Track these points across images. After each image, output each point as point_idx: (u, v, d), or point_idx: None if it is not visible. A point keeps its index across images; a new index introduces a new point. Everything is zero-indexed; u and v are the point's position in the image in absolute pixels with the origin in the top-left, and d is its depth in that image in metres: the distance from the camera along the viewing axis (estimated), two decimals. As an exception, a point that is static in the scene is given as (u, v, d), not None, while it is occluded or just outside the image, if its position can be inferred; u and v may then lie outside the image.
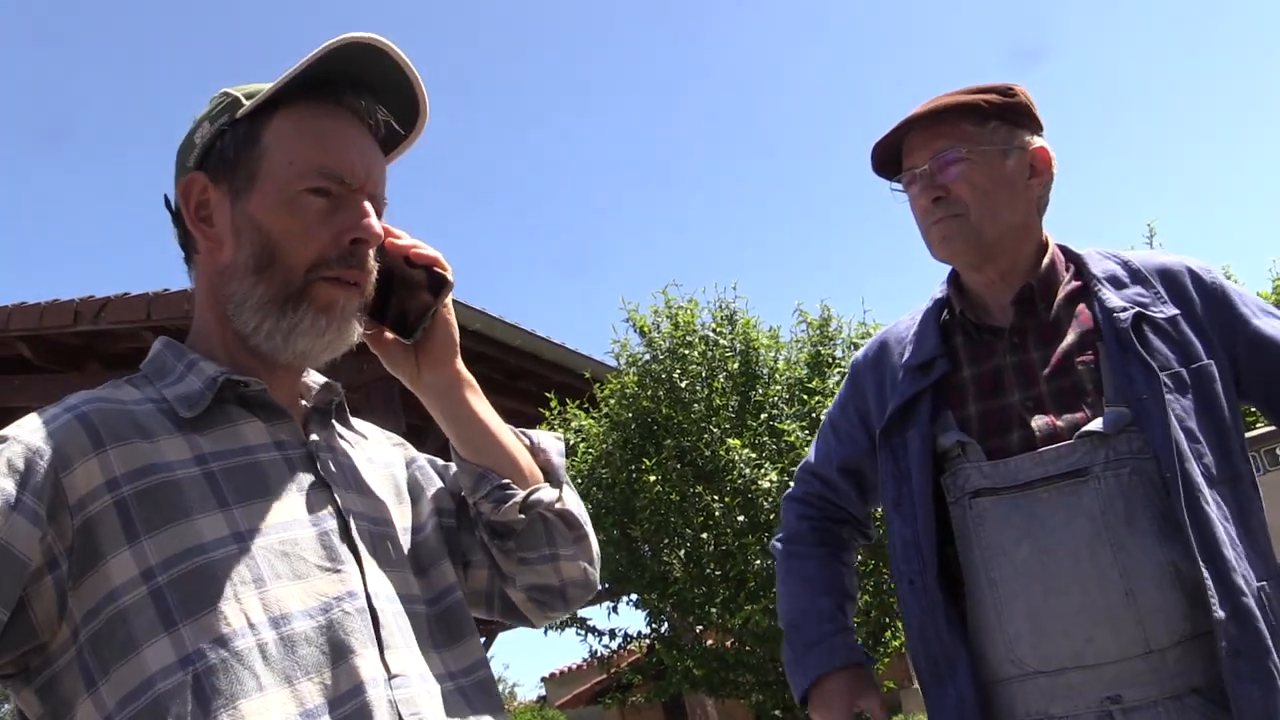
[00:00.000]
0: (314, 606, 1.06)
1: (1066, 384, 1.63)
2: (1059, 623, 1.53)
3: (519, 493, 1.25)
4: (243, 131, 1.16)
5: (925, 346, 1.75)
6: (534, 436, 1.34)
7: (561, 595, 1.33)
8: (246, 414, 1.15)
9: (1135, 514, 1.53)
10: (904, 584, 1.70)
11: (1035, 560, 1.55)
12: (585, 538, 1.32)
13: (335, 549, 1.11)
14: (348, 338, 1.17)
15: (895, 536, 1.72)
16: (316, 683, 1.02)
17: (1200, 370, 1.60)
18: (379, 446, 1.35)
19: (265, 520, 1.08)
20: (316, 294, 1.14)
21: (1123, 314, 1.63)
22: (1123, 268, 1.72)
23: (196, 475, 1.07)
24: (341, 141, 1.16)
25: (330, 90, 1.17)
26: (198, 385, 1.13)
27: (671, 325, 7.58)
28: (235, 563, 1.03)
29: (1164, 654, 1.49)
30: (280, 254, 1.13)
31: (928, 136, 1.70)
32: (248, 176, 1.15)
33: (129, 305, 6.47)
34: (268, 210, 1.14)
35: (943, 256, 1.74)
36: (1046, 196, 1.76)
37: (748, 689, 7.65)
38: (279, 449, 1.15)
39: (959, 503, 1.64)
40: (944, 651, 1.64)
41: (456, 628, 1.22)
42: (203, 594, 1.01)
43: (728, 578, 6.99)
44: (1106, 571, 1.51)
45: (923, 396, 1.71)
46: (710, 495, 7.02)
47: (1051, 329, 1.69)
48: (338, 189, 1.15)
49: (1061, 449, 1.58)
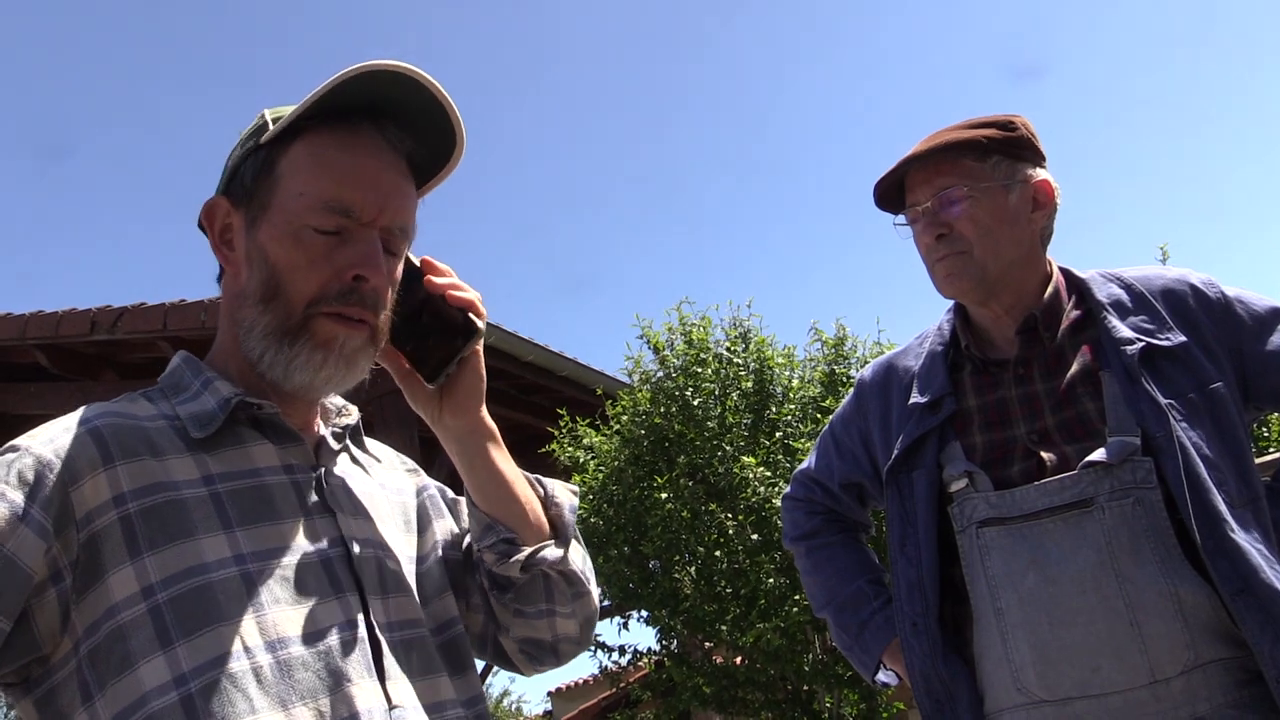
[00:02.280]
0: (312, 632, 1.05)
1: (1072, 415, 1.63)
2: (1065, 652, 1.53)
3: (523, 550, 1.22)
4: (262, 158, 1.16)
5: (933, 385, 1.76)
6: (549, 488, 1.31)
7: (553, 650, 1.32)
8: (258, 436, 1.15)
9: (1139, 544, 1.53)
10: (907, 625, 1.70)
11: (1041, 590, 1.55)
12: (585, 595, 1.30)
13: (337, 576, 1.11)
14: (351, 374, 1.16)
15: (900, 577, 1.72)
16: (311, 709, 1.02)
17: (1213, 393, 1.60)
18: (392, 472, 1.35)
19: (267, 544, 1.08)
20: (315, 329, 1.13)
21: (1130, 346, 1.62)
22: (1126, 292, 1.71)
23: (203, 495, 1.07)
24: (354, 174, 1.13)
25: (354, 118, 1.15)
26: (211, 405, 1.13)
27: (685, 343, 7.58)
28: (235, 585, 1.03)
29: (1169, 683, 1.49)
30: (283, 286, 1.12)
31: (929, 174, 1.71)
32: (261, 205, 1.15)
33: (145, 315, 6.51)
34: (274, 241, 1.13)
35: (948, 294, 1.75)
36: (1050, 228, 1.76)
37: (757, 707, 7.62)
38: (287, 473, 1.15)
39: (966, 532, 1.64)
40: (945, 689, 1.65)
41: (459, 659, 1.22)
42: (200, 614, 1.01)
43: (739, 595, 6.97)
44: (1111, 601, 1.51)
45: (929, 437, 1.72)
46: (723, 513, 7.00)
47: (1056, 359, 1.69)
48: (346, 223, 1.13)
49: (1066, 479, 1.58)
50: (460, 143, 1.20)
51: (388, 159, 1.16)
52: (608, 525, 7.32)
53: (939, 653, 1.65)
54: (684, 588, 7.10)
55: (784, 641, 6.66)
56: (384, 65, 1.11)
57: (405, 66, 1.12)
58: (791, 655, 6.78)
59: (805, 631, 6.88)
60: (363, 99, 1.14)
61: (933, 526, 1.68)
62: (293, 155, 1.14)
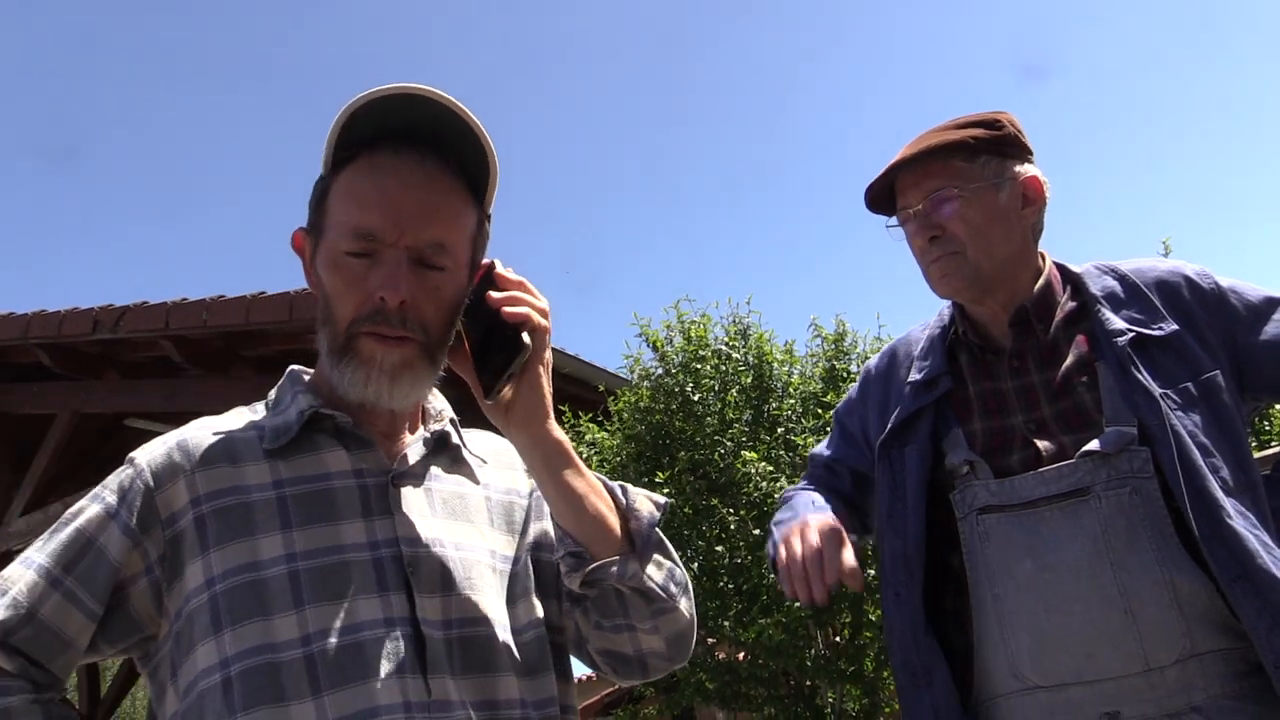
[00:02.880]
0: (349, 625, 1.13)
1: (1069, 405, 1.65)
2: (1060, 639, 1.54)
3: (589, 565, 1.22)
4: (319, 192, 1.25)
5: (930, 365, 1.77)
6: (631, 499, 1.28)
7: (640, 665, 1.32)
8: (335, 443, 1.25)
9: (1135, 533, 1.54)
10: (889, 594, 1.71)
11: (1037, 577, 1.56)
12: (669, 611, 1.27)
13: (385, 575, 1.17)
14: (400, 388, 1.22)
15: (885, 549, 1.73)
16: (334, 700, 1.09)
17: (1208, 381, 1.61)
18: (502, 472, 1.39)
19: (319, 544, 1.17)
20: (359, 348, 1.20)
21: (1121, 337, 1.64)
22: (1120, 284, 1.73)
23: (270, 499, 1.19)
24: (378, 198, 1.20)
25: (390, 141, 1.21)
26: (292, 417, 1.24)
27: (684, 340, 7.59)
28: (281, 581, 1.14)
29: (1163, 672, 1.50)
30: (332, 310, 1.22)
31: (919, 176, 1.72)
32: (318, 234, 1.25)
33: (147, 314, 6.51)
34: (324, 268, 1.23)
35: (944, 294, 1.76)
36: (1041, 223, 1.77)
37: (760, 702, 7.63)
38: (356, 477, 1.23)
39: (966, 519, 1.65)
40: (922, 662, 1.65)
41: (536, 660, 1.25)
42: (247, 606, 1.13)
43: (741, 591, 6.97)
44: (1106, 590, 1.52)
45: (924, 413, 1.73)
46: (725, 509, 7.01)
47: (1050, 351, 1.70)
48: (373, 246, 1.20)
49: (1063, 468, 1.59)
50: (491, 158, 1.24)
51: (415, 179, 1.21)
52: (610, 521, 7.31)
53: (920, 626, 1.66)
54: (686, 583, 7.10)
55: (786, 637, 6.67)
56: (392, 90, 1.17)
57: (413, 87, 1.17)
58: (794, 650, 6.79)
59: (808, 627, 6.89)
60: (409, 120, 1.20)
61: (922, 502, 1.68)
62: (337, 187, 1.24)
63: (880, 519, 1.76)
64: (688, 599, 1.30)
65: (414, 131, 1.21)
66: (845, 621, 7.26)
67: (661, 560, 1.27)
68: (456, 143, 1.22)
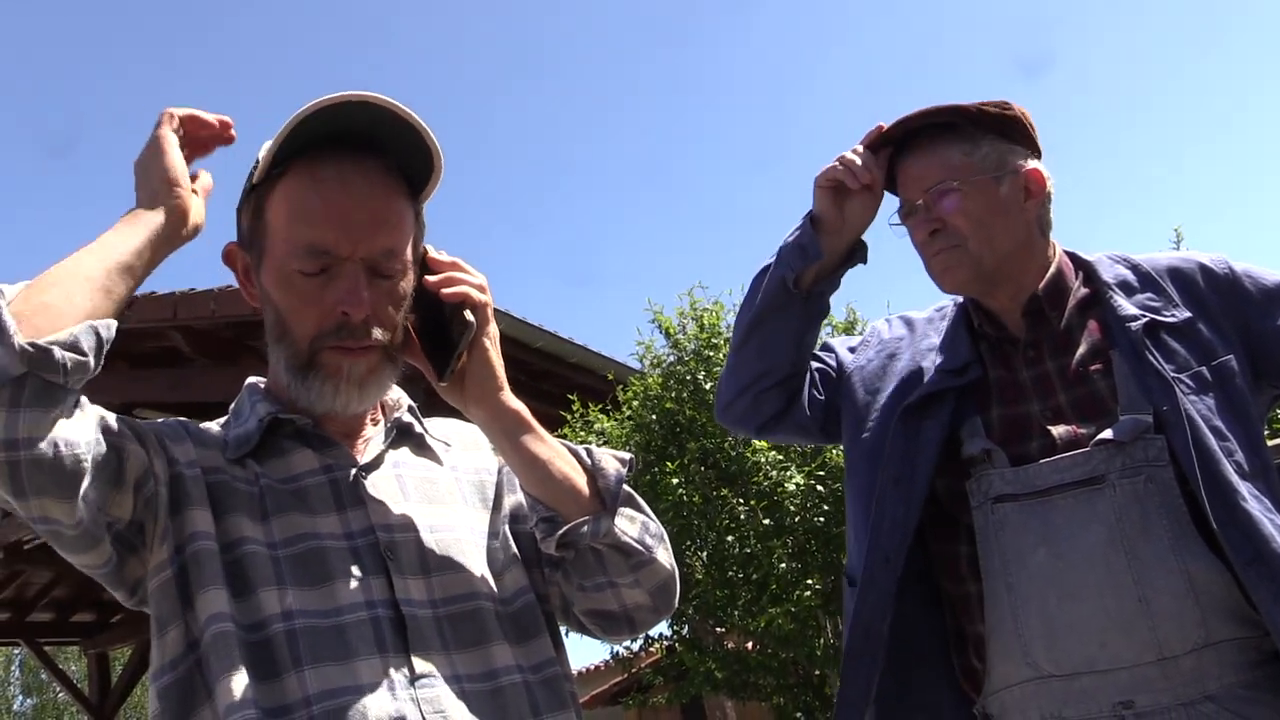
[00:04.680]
0: (329, 609, 1.13)
1: (1084, 393, 1.64)
2: (1073, 628, 1.53)
3: (561, 528, 1.24)
4: (253, 205, 1.24)
5: (958, 353, 1.76)
6: (596, 459, 1.31)
7: (627, 620, 1.33)
8: (299, 446, 1.26)
9: (1150, 521, 1.53)
10: (879, 557, 1.68)
11: (1051, 565, 1.55)
12: (647, 564, 1.28)
13: (363, 561, 1.18)
14: (367, 394, 1.25)
15: (886, 509, 1.70)
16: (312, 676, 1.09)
17: (1220, 366, 1.60)
18: (468, 452, 1.41)
19: (295, 532, 1.18)
20: (323, 362, 1.21)
21: (1135, 323, 1.63)
22: (1132, 272, 1.72)
23: (252, 488, 1.20)
24: (327, 213, 1.18)
25: (329, 151, 1.19)
26: (252, 426, 1.25)
27: (697, 327, 7.58)
28: (260, 560, 1.15)
29: (1177, 661, 1.49)
30: (288, 327, 1.22)
31: (920, 169, 1.72)
32: (259, 251, 1.24)
33: (155, 304, 6.51)
34: (272, 286, 1.22)
35: (948, 288, 1.75)
36: (1047, 216, 1.76)
37: (769, 692, 7.64)
38: (326, 473, 1.25)
39: (981, 508, 1.64)
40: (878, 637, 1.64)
41: (527, 626, 1.27)
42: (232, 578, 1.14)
43: (750, 580, 6.98)
44: (1120, 578, 1.51)
45: (949, 393, 1.71)
46: (734, 498, 7.00)
47: (1064, 338, 1.69)
48: (328, 260, 1.19)
49: (1078, 456, 1.58)
50: (436, 159, 1.24)
51: (360, 189, 1.20)
52: (619, 511, 7.31)
53: (891, 595, 1.64)
54: (695, 573, 7.11)
55: (795, 626, 6.66)
56: (344, 97, 1.15)
57: (366, 95, 1.15)
58: (803, 640, 6.79)
59: (817, 616, 6.89)
60: (339, 127, 1.18)
61: (928, 474, 1.67)
62: (274, 200, 1.21)
63: (885, 482, 1.72)
64: (665, 549, 1.30)
65: (345, 136, 1.19)
66: (855, 611, 7.24)
67: (634, 514, 1.29)
68: (394, 142, 1.21)
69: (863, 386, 1.85)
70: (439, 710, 1.11)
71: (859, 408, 1.83)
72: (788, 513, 6.79)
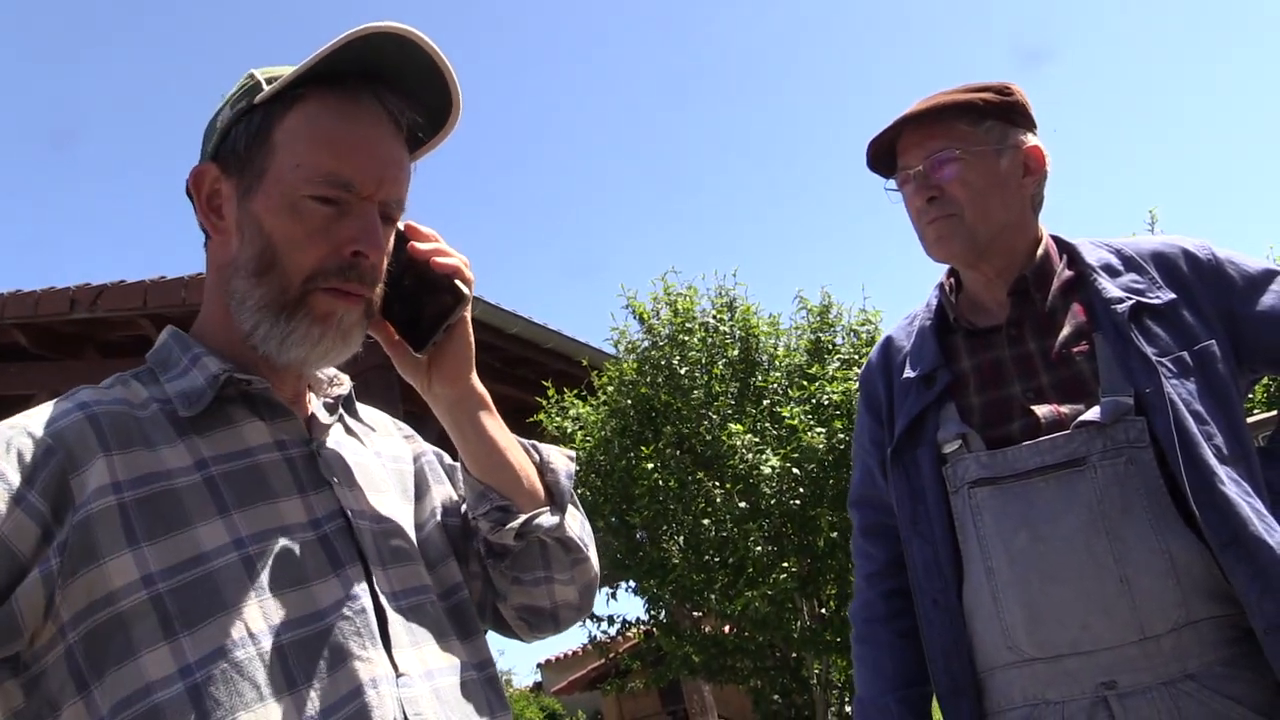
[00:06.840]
0: (314, 611, 1.05)
1: (1067, 375, 1.64)
2: (1055, 610, 1.54)
3: (517, 517, 1.21)
4: (256, 124, 1.12)
5: (926, 358, 1.76)
6: (545, 454, 1.29)
7: (553, 617, 1.32)
8: (248, 413, 1.14)
9: (1131, 503, 1.53)
10: (927, 601, 1.70)
11: (1032, 549, 1.56)
12: (583, 561, 1.29)
13: (336, 551, 1.10)
14: (347, 348, 1.14)
15: (915, 556, 1.72)
16: (316, 688, 1.01)
17: (1202, 351, 1.60)
18: (388, 439, 1.34)
19: (265, 525, 1.07)
20: (314, 304, 1.10)
21: (1119, 305, 1.63)
22: (1116, 256, 1.72)
23: (197, 482, 1.06)
24: (354, 146, 1.10)
25: (353, 84, 1.12)
26: (200, 382, 1.11)
27: (671, 312, 7.59)
28: (235, 572, 1.02)
29: (1159, 640, 1.50)
30: (280, 259, 1.10)
31: (922, 136, 1.71)
32: (256, 173, 1.11)
33: (125, 293, 6.46)
34: (271, 212, 1.10)
35: (938, 256, 1.75)
36: (1041, 194, 1.77)
37: (745, 674, 7.68)
38: (280, 449, 1.13)
39: (959, 493, 1.65)
40: (964, 669, 1.65)
41: (467, 623, 1.22)
42: (203, 604, 1.00)
43: (727, 564, 7.00)
44: (1101, 559, 1.51)
45: (929, 412, 1.72)
46: (710, 482, 7.02)
47: (1048, 320, 1.70)
48: (345, 196, 1.10)
49: (1059, 438, 1.58)
50: (457, 107, 1.17)
51: (387, 129, 1.13)
52: (595, 496, 7.34)
53: (960, 632, 1.65)
54: (672, 557, 7.13)
55: (772, 609, 6.70)
56: (384, 27, 1.07)
57: (407, 29, 1.08)
58: (780, 622, 6.83)
59: (793, 599, 6.93)
60: (359, 63, 1.10)
61: (942, 501, 1.68)
62: (290, 123, 1.11)
63: (905, 528, 1.74)
64: (594, 549, 1.31)
65: (369, 73, 1.12)
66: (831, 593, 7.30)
67: (574, 511, 1.29)
68: (418, 89, 1.14)
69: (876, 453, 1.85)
70: (417, 712, 1.05)
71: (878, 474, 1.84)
72: (764, 496, 6.82)
